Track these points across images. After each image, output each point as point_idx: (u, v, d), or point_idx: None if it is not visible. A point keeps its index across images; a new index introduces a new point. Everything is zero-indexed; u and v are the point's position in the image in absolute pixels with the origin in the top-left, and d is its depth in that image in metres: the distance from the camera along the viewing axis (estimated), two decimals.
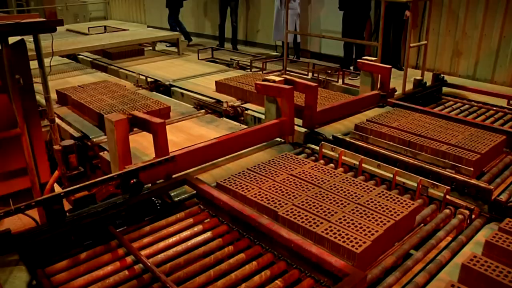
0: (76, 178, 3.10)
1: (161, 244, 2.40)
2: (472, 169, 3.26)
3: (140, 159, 3.62)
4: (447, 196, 2.99)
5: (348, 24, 7.70)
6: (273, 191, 2.76)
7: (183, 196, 2.92)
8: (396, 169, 3.24)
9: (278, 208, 2.54)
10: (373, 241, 2.28)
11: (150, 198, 2.73)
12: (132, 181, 2.59)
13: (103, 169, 3.93)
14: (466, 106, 5.14)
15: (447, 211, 2.94)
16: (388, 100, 4.89)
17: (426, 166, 3.38)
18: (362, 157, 3.45)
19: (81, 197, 2.49)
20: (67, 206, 2.47)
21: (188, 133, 4.41)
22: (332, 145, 3.66)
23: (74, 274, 2.19)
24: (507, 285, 1.88)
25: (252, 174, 2.99)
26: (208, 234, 2.54)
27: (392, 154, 3.60)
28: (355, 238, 2.29)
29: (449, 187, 3.03)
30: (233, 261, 2.28)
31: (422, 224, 2.78)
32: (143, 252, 2.33)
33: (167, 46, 9.80)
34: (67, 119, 4.92)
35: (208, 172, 3.27)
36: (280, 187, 2.82)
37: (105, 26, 12.18)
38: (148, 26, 13.24)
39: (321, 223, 2.42)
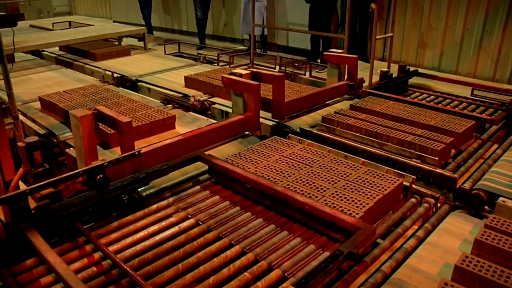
0: (41, 175, 3.04)
1: (129, 240, 2.38)
2: (437, 158, 3.33)
3: (107, 155, 3.57)
4: (413, 185, 3.06)
5: (315, 17, 7.74)
6: (268, 170, 3.02)
7: (150, 191, 2.91)
8: (363, 159, 3.28)
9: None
10: (365, 212, 2.53)
11: (118, 194, 2.70)
12: (98, 177, 2.55)
13: (69, 166, 3.85)
14: (432, 97, 5.25)
15: (413, 200, 3.00)
16: (355, 90, 4.94)
17: (393, 156, 3.44)
18: (329, 148, 3.49)
19: (46, 194, 2.44)
20: (32, 203, 2.41)
21: None
22: (300, 138, 3.69)
23: (41, 272, 2.16)
24: (503, 285, 1.88)
25: (248, 156, 3.22)
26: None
27: (359, 145, 3.64)
28: (349, 210, 2.51)
29: (415, 177, 3.09)
30: (201, 254, 2.27)
31: (391, 212, 2.83)
32: (111, 248, 2.30)
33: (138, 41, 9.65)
34: (32, 116, 4.79)
35: None
36: (274, 166, 3.09)
37: (69, 22, 11.94)
38: (114, 21, 13.04)
39: (316, 196, 2.66)
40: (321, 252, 2.32)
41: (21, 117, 4.42)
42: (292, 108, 4.28)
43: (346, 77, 5.08)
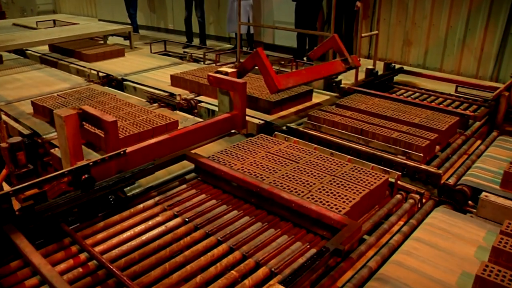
0: (25, 176, 3.01)
1: (115, 240, 2.37)
2: (422, 154, 3.36)
3: (92, 155, 3.55)
4: (399, 182, 3.08)
5: (301, 15, 7.77)
6: (254, 166, 3.03)
7: (136, 191, 2.90)
8: (349, 157, 3.30)
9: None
10: (352, 207, 2.54)
11: (104, 194, 2.68)
12: (83, 177, 2.53)
13: (54, 166, 3.82)
14: (417, 94, 5.29)
15: (399, 196, 3.03)
16: (351, 67, 4.90)
17: (378, 153, 3.47)
18: (315, 146, 3.50)
19: (31, 195, 2.41)
20: (16, 205, 2.39)
21: None
22: (286, 135, 3.70)
23: (26, 274, 2.14)
24: None
25: (234, 152, 3.23)
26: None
27: (345, 143, 3.67)
28: (335, 205, 2.52)
29: (400, 173, 3.12)
30: (188, 253, 2.27)
31: (377, 207, 2.85)
32: (97, 248, 2.29)
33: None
34: (15, 116, 4.72)
35: None
36: (261, 163, 3.09)
37: (54, 20, 11.82)
38: (99, 20, 12.95)
39: (302, 191, 2.67)
40: (308, 248, 2.33)
41: (4, 117, 4.37)
42: (288, 81, 4.06)
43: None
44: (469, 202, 2.96)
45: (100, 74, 6.35)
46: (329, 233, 2.39)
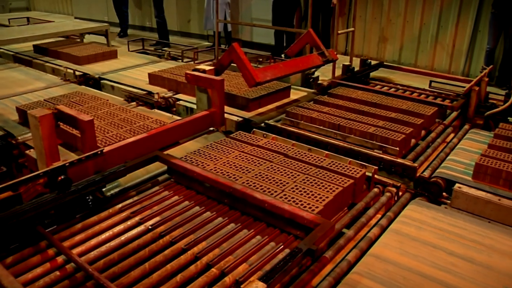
0: None
1: (93, 241, 2.34)
2: (397, 148, 3.42)
3: (70, 156, 3.50)
4: (376, 176, 3.13)
5: (278, 12, 7.80)
6: (227, 166, 2.98)
7: (115, 191, 2.87)
8: (327, 152, 3.33)
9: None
10: (325, 205, 2.52)
11: (82, 195, 2.64)
12: (59, 178, 2.50)
13: (30, 168, 3.76)
14: (393, 89, 5.36)
15: (376, 189, 3.07)
16: (328, 59, 4.94)
17: (355, 148, 3.51)
18: (293, 142, 3.53)
19: (4, 198, 2.37)
20: None
21: None
22: (264, 132, 3.72)
23: None
24: None
25: (207, 152, 3.18)
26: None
27: (323, 138, 3.70)
28: (308, 204, 2.50)
29: (377, 167, 3.16)
30: (168, 252, 2.27)
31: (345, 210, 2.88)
32: (75, 250, 2.26)
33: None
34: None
35: None
36: (234, 162, 3.04)
37: (27, 18, 11.60)
38: (76, 18, 12.77)
39: (275, 191, 2.63)
40: (282, 249, 2.29)
41: None
42: (266, 74, 4.04)
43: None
44: (444, 193, 3.03)
45: (77, 73, 6.26)
46: (303, 232, 2.35)
